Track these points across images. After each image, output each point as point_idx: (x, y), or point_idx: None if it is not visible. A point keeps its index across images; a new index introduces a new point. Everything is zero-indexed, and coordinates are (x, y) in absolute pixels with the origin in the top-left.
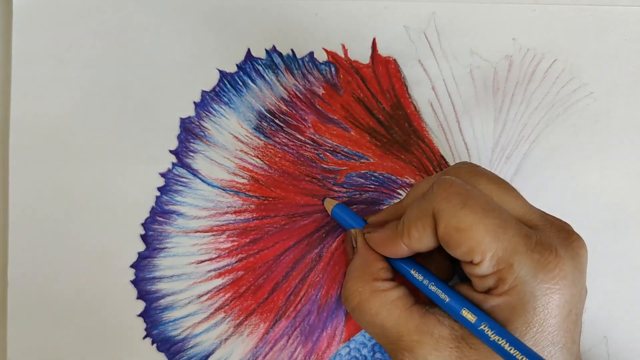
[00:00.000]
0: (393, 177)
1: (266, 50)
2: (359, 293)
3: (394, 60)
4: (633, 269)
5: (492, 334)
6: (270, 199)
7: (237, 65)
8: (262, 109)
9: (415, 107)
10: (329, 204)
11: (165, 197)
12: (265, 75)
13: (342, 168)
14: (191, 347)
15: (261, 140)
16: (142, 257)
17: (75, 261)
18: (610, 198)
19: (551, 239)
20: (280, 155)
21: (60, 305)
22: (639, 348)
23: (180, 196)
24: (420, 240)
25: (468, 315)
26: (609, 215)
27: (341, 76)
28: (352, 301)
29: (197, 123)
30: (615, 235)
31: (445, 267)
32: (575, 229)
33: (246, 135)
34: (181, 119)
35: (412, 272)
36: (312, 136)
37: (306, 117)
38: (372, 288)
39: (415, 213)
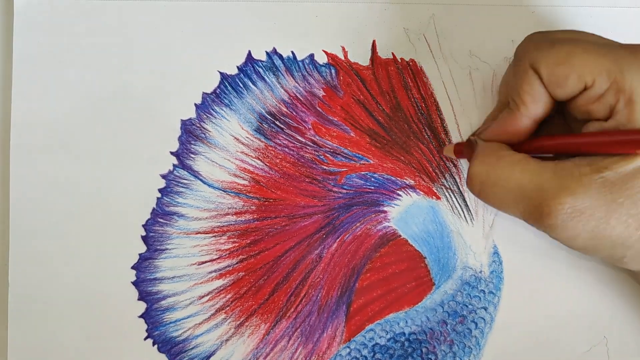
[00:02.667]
0: (393, 179)
1: (267, 52)
2: (485, 164)
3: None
4: None
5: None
6: (271, 200)
7: (237, 67)
8: (263, 111)
9: (415, 109)
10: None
11: (166, 199)
12: (265, 77)
13: (342, 169)
14: (192, 348)
15: (262, 141)
16: (143, 258)
17: (76, 262)
18: None
19: None
20: (280, 157)
21: (61, 307)
22: (639, 348)
23: (181, 197)
24: (535, 100)
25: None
26: None
27: (341, 78)
28: (479, 176)
29: (198, 125)
30: None
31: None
32: None
33: (247, 137)
34: (182, 120)
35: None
36: (313, 138)
37: (306, 119)
38: (497, 156)
39: (517, 81)
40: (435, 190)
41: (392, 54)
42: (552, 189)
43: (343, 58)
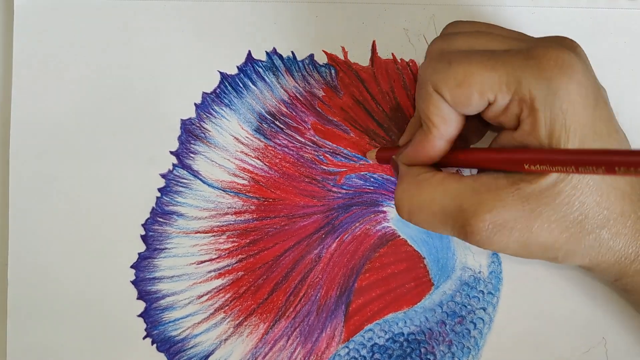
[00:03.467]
0: (392, 179)
1: (267, 52)
2: (407, 192)
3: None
4: None
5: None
6: (270, 200)
7: (237, 67)
8: (263, 111)
9: (414, 109)
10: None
11: (166, 198)
12: (265, 77)
13: (342, 169)
14: (191, 347)
15: (261, 141)
16: (142, 257)
17: (75, 261)
18: None
19: (543, 44)
20: (280, 157)
21: (60, 306)
22: (637, 349)
23: (180, 197)
24: (445, 120)
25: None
26: None
27: (341, 78)
28: (405, 200)
29: (198, 124)
30: None
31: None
32: None
33: (246, 137)
34: (182, 120)
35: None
36: (312, 138)
37: (306, 119)
38: (417, 182)
39: (424, 103)
40: None
41: (392, 54)
42: (471, 208)
43: (343, 58)
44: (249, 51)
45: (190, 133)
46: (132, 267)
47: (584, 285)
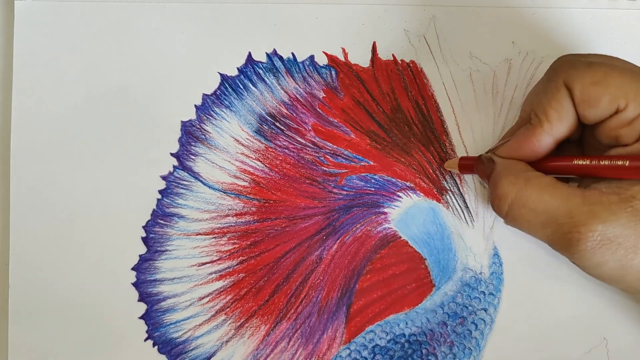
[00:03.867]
0: (393, 180)
1: (267, 53)
2: (513, 184)
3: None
4: None
5: None
6: (271, 201)
7: (238, 68)
8: (263, 112)
9: (415, 110)
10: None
11: (167, 200)
12: (266, 78)
13: (343, 171)
14: (192, 349)
15: (262, 143)
16: (143, 259)
17: (76, 263)
18: None
19: None
20: (281, 158)
21: (61, 308)
22: (638, 349)
23: (181, 199)
24: (561, 118)
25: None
26: None
27: (341, 79)
28: (507, 197)
29: (198, 126)
30: None
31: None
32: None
33: (247, 138)
34: (182, 122)
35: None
36: (313, 139)
37: (307, 120)
38: (525, 177)
39: (546, 96)
40: (436, 192)
41: (393, 55)
42: (582, 216)
43: (343, 59)
44: (249, 53)
45: (191, 135)
46: (133, 269)
47: (585, 286)
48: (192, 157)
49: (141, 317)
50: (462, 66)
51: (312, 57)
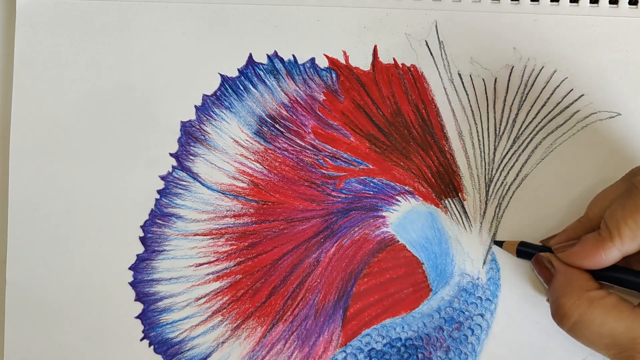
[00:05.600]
0: (392, 184)
1: (268, 55)
2: (577, 306)
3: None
4: None
5: None
6: (270, 203)
7: (238, 69)
8: (263, 114)
9: (415, 114)
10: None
11: (165, 200)
12: (266, 80)
13: (342, 174)
14: (188, 350)
15: (261, 144)
16: (140, 259)
17: (73, 262)
18: None
19: None
20: (280, 160)
21: (58, 307)
22: None
23: (179, 199)
24: (635, 238)
25: None
26: None
27: (342, 82)
28: (571, 317)
29: (198, 127)
30: None
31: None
32: None
33: (246, 140)
34: (182, 122)
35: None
36: (312, 142)
37: (306, 123)
38: (589, 298)
39: (622, 211)
40: (434, 197)
41: (394, 59)
42: None
43: (344, 62)
44: (250, 54)
45: (190, 135)
46: (130, 268)
47: None
48: (191, 157)
49: (137, 317)
50: (463, 71)
51: (312, 60)
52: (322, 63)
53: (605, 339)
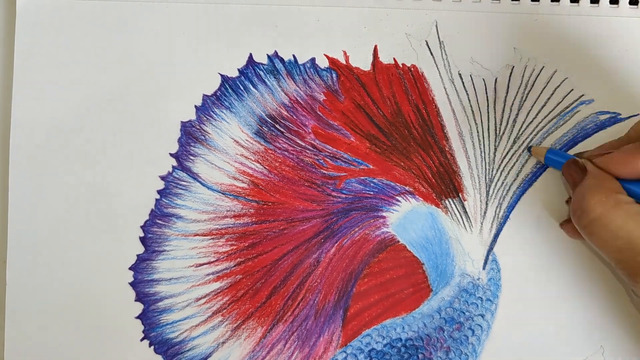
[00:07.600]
0: (392, 184)
1: (268, 55)
2: (602, 203)
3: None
4: None
5: None
6: (270, 203)
7: (238, 69)
8: (263, 114)
9: (415, 114)
10: (538, 152)
11: (165, 200)
12: (266, 80)
13: (342, 174)
14: (188, 350)
15: (261, 145)
16: (140, 259)
17: (74, 262)
18: None
19: None
20: (280, 160)
21: (58, 307)
22: (635, 357)
23: (179, 199)
24: None
25: None
26: None
27: (342, 82)
28: (592, 212)
29: (198, 127)
30: None
31: None
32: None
33: (247, 140)
34: (182, 122)
35: None
36: (312, 142)
37: (307, 123)
38: (616, 200)
39: None
40: (435, 197)
41: (394, 59)
42: None
43: (344, 62)
44: (250, 54)
45: (190, 135)
46: (130, 268)
47: (582, 294)
48: (192, 157)
49: (138, 317)
50: (463, 71)
51: (313, 60)
52: (323, 63)
53: (620, 240)
